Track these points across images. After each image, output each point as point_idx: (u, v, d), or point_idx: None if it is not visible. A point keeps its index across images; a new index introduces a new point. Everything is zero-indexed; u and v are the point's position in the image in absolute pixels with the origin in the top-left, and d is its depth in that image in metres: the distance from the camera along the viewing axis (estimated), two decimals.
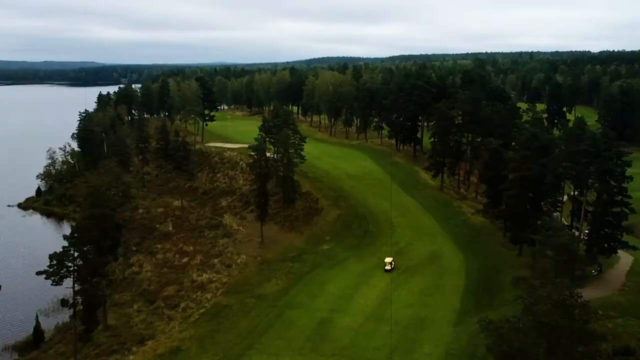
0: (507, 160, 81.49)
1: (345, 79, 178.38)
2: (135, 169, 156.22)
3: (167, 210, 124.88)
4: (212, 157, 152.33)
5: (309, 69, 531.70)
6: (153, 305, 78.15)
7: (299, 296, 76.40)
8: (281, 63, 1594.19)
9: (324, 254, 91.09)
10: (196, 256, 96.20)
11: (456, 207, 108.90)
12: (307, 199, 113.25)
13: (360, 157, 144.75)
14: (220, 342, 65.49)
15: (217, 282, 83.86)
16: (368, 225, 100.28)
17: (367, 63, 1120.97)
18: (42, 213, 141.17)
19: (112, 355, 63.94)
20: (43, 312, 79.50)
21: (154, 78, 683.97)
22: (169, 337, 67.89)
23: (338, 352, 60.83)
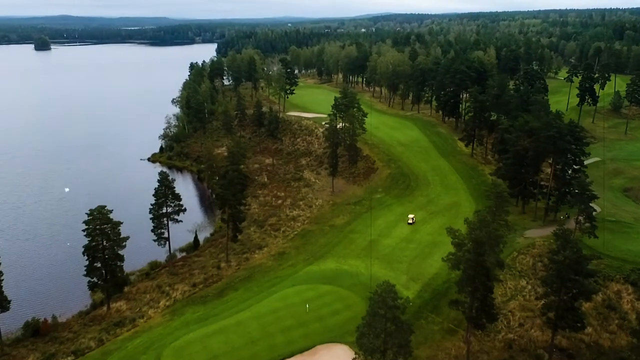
0: (508, 139, 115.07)
1: (402, 59, 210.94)
2: (233, 132, 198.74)
3: (261, 166, 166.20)
4: (292, 124, 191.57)
5: (375, 35, 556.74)
6: (262, 228, 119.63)
7: (357, 226, 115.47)
8: (347, 19, 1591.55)
9: (376, 201, 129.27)
10: (287, 199, 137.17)
11: (480, 170, 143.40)
12: (366, 161, 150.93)
13: (411, 128, 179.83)
14: (308, 250, 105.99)
15: (303, 216, 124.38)
16: (410, 181, 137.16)
17: (434, 21, 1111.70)
18: (166, 165, 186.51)
19: (245, 254, 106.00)
20: (198, 228, 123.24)
21: (231, 41, 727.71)
22: (276, 246, 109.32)
23: (380, 258, 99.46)
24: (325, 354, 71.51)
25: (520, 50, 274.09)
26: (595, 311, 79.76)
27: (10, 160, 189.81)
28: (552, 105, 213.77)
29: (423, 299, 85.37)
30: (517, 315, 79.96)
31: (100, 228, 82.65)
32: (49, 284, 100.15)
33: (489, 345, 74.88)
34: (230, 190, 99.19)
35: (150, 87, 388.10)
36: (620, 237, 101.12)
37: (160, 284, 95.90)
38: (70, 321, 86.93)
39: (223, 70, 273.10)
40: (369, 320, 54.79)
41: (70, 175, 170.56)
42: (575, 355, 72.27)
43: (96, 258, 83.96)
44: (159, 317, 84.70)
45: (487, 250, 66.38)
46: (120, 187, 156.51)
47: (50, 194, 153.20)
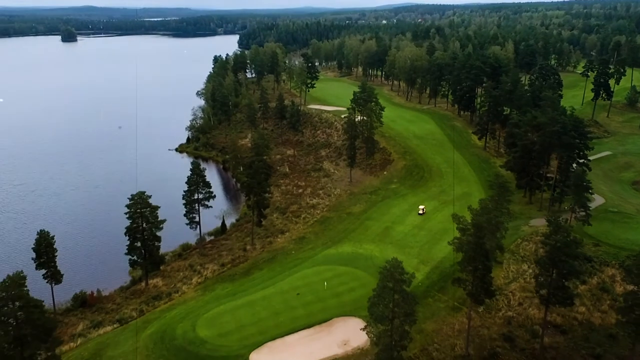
0: (517, 133, 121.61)
1: (420, 54, 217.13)
2: (256, 124, 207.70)
3: (283, 157, 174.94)
4: (313, 117, 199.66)
5: (395, 27, 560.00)
6: (284, 215, 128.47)
7: (373, 214, 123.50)
8: (369, 10, 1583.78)
9: (391, 190, 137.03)
10: (307, 188, 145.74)
11: (492, 162, 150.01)
12: (383, 153, 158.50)
13: (427, 121, 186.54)
14: (327, 235, 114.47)
15: (322, 204, 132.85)
16: (424, 173, 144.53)
17: (455, 12, 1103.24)
18: (193, 156, 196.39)
19: (268, 238, 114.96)
20: (225, 214, 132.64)
21: (253, 32, 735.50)
22: (297, 231, 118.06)
23: (394, 243, 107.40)
24: (341, 325, 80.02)
25: (538, 45, 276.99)
26: (590, 293, 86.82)
27: (47, 149, 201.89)
28: (569, 100, 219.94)
29: (431, 280, 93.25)
30: (517, 296, 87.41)
31: (140, 211, 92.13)
32: (92, 263, 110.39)
33: (489, 321, 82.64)
34: (255, 179, 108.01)
35: (175, 78, 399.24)
36: (620, 226, 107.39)
37: (192, 263, 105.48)
38: (113, 294, 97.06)
39: (246, 63, 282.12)
40: (378, 292, 62.90)
41: (103, 165, 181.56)
42: (568, 331, 79.60)
43: (136, 238, 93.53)
44: (192, 292, 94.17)
45: (487, 235, 73.97)
46: (151, 176, 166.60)
47: (87, 181, 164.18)
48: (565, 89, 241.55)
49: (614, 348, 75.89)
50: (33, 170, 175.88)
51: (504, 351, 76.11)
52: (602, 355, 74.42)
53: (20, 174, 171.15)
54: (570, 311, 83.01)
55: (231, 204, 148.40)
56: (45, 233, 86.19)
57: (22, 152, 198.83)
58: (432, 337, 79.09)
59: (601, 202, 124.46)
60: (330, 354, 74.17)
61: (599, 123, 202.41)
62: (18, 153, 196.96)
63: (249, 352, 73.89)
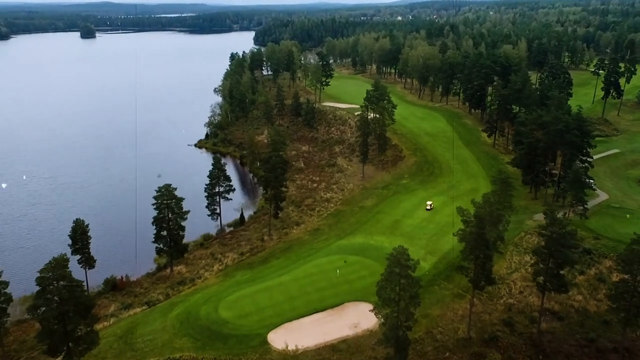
0: (523, 131, 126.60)
1: (433, 53, 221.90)
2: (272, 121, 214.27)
3: (298, 153, 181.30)
4: (327, 114, 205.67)
5: (410, 24, 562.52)
6: (300, 208, 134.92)
7: (384, 208, 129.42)
8: (384, 5, 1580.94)
9: (402, 186, 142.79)
10: (321, 183, 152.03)
11: (500, 159, 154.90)
12: (394, 149, 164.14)
13: (438, 119, 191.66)
14: (340, 227, 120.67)
15: (336, 198, 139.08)
16: (434, 169, 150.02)
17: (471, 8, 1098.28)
18: (211, 151, 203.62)
19: (284, 229, 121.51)
20: (243, 207, 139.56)
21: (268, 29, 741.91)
22: (311, 223, 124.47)
23: (403, 235, 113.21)
24: (352, 309, 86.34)
25: (552, 43, 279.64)
26: (587, 282, 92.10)
27: (72, 145, 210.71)
28: (580, 98, 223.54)
29: (438, 269, 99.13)
30: (519, 284, 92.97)
31: (166, 203, 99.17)
32: (120, 251, 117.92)
33: (491, 307, 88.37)
34: (273, 173, 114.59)
35: (192, 75, 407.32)
36: (620, 221, 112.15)
37: (213, 252, 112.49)
38: (141, 280, 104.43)
39: (263, 61, 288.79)
40: (386, 277, 68.91)
41: (126, 159, 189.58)
42: (564, 317, 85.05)
43: (163, 228, 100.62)
44: (214, 278, 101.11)
45: (488, 226, 79.69)
46: (171, 170, 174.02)
47: (111, 175, 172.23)
48: (577, 87, 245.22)
49: (607, 333, 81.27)
50: (60, 164, 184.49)
51: (503, 335, 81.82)
52: (596, 340, 79.78)
53: (48, 168, 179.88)
54: (568, 299, 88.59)
55: (249, 197, 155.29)
56: (80, 221, 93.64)
57: (49, 146, 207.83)
58: (437, 321, 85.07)
59: (605, 198, 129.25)
60: (342, 335, 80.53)
61: (608, 121, 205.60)
62: (46, 148, 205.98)
63: (267, 331, 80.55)
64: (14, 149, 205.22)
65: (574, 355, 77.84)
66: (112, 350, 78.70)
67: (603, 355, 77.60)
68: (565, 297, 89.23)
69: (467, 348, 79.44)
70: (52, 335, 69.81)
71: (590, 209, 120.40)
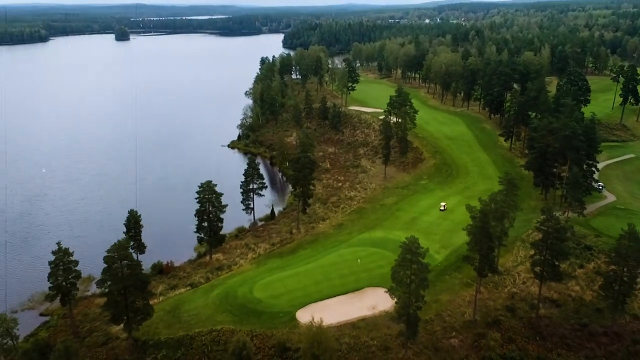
0: (534, 136, 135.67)
1: (455, 60, 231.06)
2: (301, 124, 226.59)
3: (324, 154, 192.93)
4: (353, 118, 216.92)
5: (437, 28, 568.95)
6: (325, 205, 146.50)
7: (403, 206, 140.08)
8: (412, 7, 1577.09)
9: (421, 186, 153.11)
10: (346, 182, 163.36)
11: (515, 162, 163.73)
12: (415, 152, 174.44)
13: (458, 123, 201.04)
14: (362, 223, 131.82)
15: (359, 197, 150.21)
16: (452, 171, 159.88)
17: (500, 11, 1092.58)
18: (243, 151, 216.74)
19: (311, 224, 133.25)
20: (274, 203, 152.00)
21: (297, 32, 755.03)
22: (336, 219, 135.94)
23: (420, 230, 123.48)
24: (370, 293, 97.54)
25: (575, 50, 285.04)
26: (585, 275, 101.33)
27: (117, 144, 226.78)
28: (600, 104, 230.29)
29: (449, 261, 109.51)
30: (522, 276, 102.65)
31: (207, 197, 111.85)
32: (162, 240, 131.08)
33: (496, 295, 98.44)
34: (301, 173, 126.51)
35: (224, 78, 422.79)
36: (623, 221, 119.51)
37: (247, 242, 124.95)
38: (183, 265, 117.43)
39: (292, 66, 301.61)
40: (399, 262, 79.81)
41: (164, 159, 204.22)
42: (562, 305, 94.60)
43: (204, 219, 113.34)
44: (248, 265, 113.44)
45: (493, 222, 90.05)
46: (207, 169, 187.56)
47: (152, 173, 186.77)
48: (598, 93, 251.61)
49: (599, 319, 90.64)
50: (104, 162, 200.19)
51: (505, 319, 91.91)
52: (588, 325, 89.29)
53: (95, 165, 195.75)
54: (566, 289, 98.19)
55: (278, 194, 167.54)
56: (134, 212, 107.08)
57: (94, 145, 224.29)
58: (446, 305, 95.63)
59: (612, 199, 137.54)
60: (361, 314, 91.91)
61: (626, 127, 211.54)
62: (92, 146, 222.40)
63: (295, 310, 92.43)
64: (63, 146, 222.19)
65: (567, 337, 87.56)
66: (163, 322, 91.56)
67: (594, 338, 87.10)
68: (564, 287, 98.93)
69: (472, 329, 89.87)
70: (115, 306, 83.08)
71: (596, 210, 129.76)
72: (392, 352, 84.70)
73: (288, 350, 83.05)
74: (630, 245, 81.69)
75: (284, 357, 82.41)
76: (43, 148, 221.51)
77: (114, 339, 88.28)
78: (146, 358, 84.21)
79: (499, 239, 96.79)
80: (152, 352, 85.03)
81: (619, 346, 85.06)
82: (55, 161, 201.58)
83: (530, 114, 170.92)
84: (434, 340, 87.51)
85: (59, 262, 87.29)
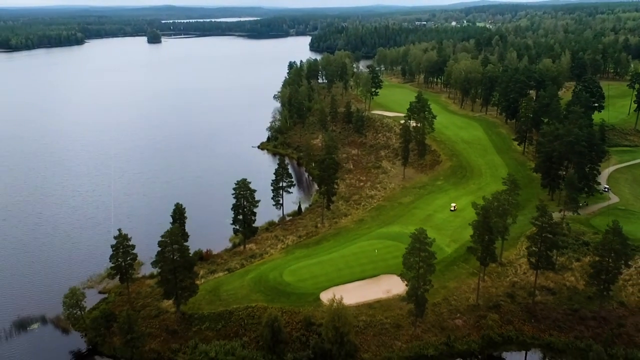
0: (542, 142, 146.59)
1: (474, 67, 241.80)
2: (326, 127, 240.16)
3: (348, 156, 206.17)
4: (375, 122, 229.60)
5: (462, 32, 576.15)
6: (348, 202, 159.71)
7: (419, 204, 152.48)
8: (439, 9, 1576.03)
9: (437, 186, 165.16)
10: (367, 182, 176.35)
11: (527, 165, 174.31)
12: (433, 154, 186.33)
13: (476, 128, 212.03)
14: (380, 219, 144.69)
15: (379, 195, 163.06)
16: (466, 172, 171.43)
17: (527, 13, 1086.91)
18: (272, 152, 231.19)
19: (335, 219, 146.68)
20: (301, 200, 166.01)
21: (323, 35, 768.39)
22: (357, 215, 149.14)
23: (433, 226, 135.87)
24: (385, 279, 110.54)
25: (595, 57, 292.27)
26: (581, 267, 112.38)
27: (154, 144, 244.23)
28: (617, 109, 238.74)
29: (458, 253, 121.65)
30: (523, 267, 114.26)
31: (243, 193, 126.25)
32: (200, 231, 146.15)
33: (498, 284, 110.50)
34: (326, 172, 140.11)
35: (254, 81, 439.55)
36: (622, 220, 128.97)
37: (277, 234, 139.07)
38: (220, 254, 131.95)
39: (318, 71, 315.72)
40: (409, 250, 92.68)
41: (200, 159, 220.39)
42: (557, 292, 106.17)
43: (239, 213, 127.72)
44: (278, 254, 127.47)
45: (495, 217, 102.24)
46: (239, 168, 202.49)
47: (190, 172, 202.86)
48: (616, 98, 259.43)
49: (589, 305, 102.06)
50: (145, 162, 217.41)
51: (505, 304, 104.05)
52: (579, 310, 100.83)
53: (137, 165, 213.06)
54: (562, 279, 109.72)
55: (304, 192, 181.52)
56: (179, 204, 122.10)
57: (132, 145, 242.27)
58: (453, 291, 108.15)
59: (615, 200, 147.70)
60: (377, 297, 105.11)
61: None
62: (134, 146, 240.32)
63: (319, 292, 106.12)
64: (108, 146, 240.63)
65: (560, 320, 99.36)
66: (205, 300, 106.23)
67: (583, 321, 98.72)
68: (560, 277, 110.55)
69: (475, 312, 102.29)
70: (167, 283, 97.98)
71: (598, 210, 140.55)
72: (403, 329, 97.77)
73: (312, 324, 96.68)
74: (614, 239, 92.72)
75: (309, 330, 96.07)
76: (90, 148, 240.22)
77: (164, 312, 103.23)
78: (192, 328, 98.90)
79: (501, 233, 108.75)
80: (197, 324, 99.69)
81: (605, 329, 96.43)
82: (102, 160, 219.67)
83: (543, 120, 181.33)
84: (440, 320, 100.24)
85: (119, 245, 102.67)
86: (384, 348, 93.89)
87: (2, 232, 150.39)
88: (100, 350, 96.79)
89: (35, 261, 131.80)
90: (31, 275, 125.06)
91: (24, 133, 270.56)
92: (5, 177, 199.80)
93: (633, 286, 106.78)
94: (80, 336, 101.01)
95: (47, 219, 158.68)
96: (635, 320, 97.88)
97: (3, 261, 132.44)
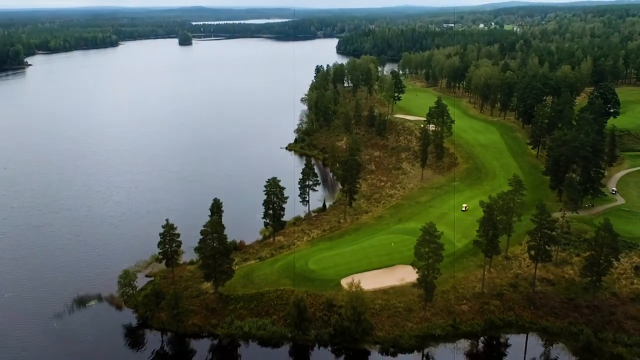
0: (551, 146, 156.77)
1: (494, 73, 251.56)
2: (351, 130, 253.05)
3: (371, 158, 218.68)
4: (397, 125, 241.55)
5: (488, 35, 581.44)
6: (369, 201, 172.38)
7: (435, 203, 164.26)
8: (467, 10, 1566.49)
9: (452, 187, 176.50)
10: (387, 182, 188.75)
11: (540, 168, 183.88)
12: (450, 157, 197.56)
13: (493, 132, 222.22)
14: (398, 216, 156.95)
15: (398, 195, 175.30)
16: (481, 174, 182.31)
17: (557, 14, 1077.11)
18: (299, 154, 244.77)
19: (356, 215, 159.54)
20: (325, 197, 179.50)
21: (350, 38, 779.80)
22: (377, 212, 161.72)
23: (446, 223, 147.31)
24: (401, 269, 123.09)
25: (614, 63, 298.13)
26: (580, 262, 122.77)
27: (191, 145, 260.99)
28: (636, 115, 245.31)
29: (468, 248, 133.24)
30: (527, 261, 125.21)
31: (273, 190, 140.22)
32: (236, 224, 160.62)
33: (502, 275, 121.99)
34: (349, 173, 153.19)
35: (282, 83, 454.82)
36: (624, 221, 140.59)
37: (303, 228, 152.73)
38: (252, 244, 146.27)
39: (344, 75, 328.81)
40: (420, 241, 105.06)
41: (231, 159, 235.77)
42: (555, 284, 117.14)
43: (269, 208, 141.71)
44: (304, 245, 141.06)
45: (499, 214, 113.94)
46: (268, 168, 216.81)
47: (221, 171, 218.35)
48: (636, 104, 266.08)
49: (584, 295, 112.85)
50: (181, 161, 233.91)
51: (507, 292, 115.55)
52: (574, 299, 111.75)
53: (174, 164, 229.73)
54: (562, 272, 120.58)
55: (329, 191, 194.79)
56: (217, 199, 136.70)
57: (167, 145, 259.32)
58: (461, 281, 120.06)
59: (621, 202, 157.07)
60: (391, 284, 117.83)
61: None
62: (170, 146, 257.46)
63: (340, 278, 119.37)
64: (145, 148, 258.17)
65: (556, 308, 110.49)
66: (240, 283, 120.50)
67: (578, 309, 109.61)
68: (560, 270, 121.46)
69: (479, 299, 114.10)
70: (208, 267, 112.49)
71: (602, 211, 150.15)
72: (414, 312, 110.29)
73: (334, 306, 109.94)
74: (605, 236, 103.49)
75: (331, 311, 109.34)
76: (128, 146, 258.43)
77: (204, 293, 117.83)
78: (228, 307, 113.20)
79: (506, 229, 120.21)
80: (232, 304, 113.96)
81: (597, 316, 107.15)
82: (143, 159, 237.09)
83: (557, 125, 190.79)
84: (448, 306, 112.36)
85: (166, 233, 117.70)
86: (397, 328, 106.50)
87: (57, 223, 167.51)
88: (149, 324, 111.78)
89: (88, 249, 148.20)
90: (86, 261, 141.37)
91: (72, 133, 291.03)
92: (54, 174, 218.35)
93: (626, 279, 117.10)
94: (132, 312, 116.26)
95: (95, 212, 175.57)
96: (625, 309, 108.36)
97: (61, 249, 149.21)
